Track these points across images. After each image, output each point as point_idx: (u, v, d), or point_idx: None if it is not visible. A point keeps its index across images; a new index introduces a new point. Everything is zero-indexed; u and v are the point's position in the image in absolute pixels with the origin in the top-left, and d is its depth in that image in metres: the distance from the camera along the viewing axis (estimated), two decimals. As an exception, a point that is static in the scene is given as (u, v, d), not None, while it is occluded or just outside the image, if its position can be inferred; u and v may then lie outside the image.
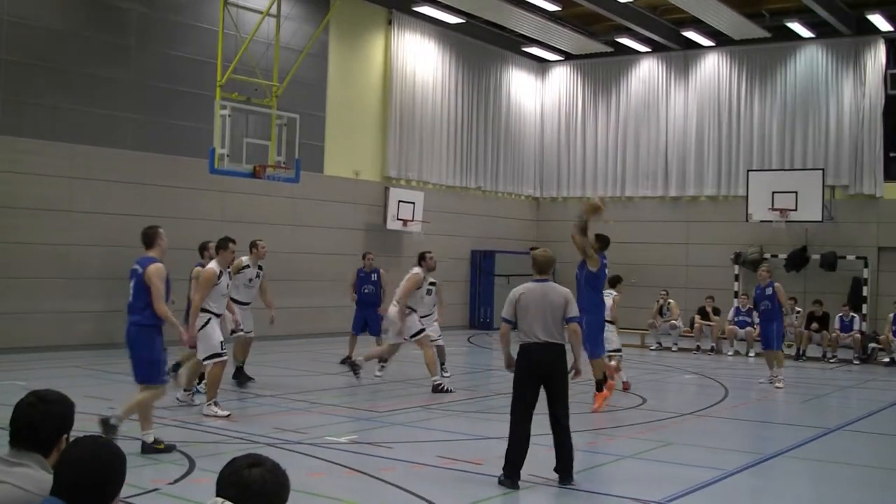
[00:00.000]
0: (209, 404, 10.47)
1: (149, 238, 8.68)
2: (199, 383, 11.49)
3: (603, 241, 12.43)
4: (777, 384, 14.77)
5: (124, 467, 3.16)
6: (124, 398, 11.30)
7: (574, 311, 8.03)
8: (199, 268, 11.77)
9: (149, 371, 8.52)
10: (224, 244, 10.55)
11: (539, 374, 7.78)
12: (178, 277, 16.92)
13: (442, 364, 13.67)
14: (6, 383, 11.99)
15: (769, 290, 15.00)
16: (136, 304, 8.49)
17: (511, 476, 7.68)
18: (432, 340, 13.29)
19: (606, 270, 12.43)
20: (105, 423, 8.31)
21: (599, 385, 11.69)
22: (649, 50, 25.97)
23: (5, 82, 15.60)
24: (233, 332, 12.17)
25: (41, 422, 3.40)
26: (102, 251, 16.78)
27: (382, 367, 13.83)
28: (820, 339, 19.61)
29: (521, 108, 27.56)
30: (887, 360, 18.88)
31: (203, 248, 12.58)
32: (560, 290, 8.02)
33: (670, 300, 21.20)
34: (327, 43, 21.17)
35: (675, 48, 25.47)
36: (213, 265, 10.62)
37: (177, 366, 11.91)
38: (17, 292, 15.70)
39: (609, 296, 13.05)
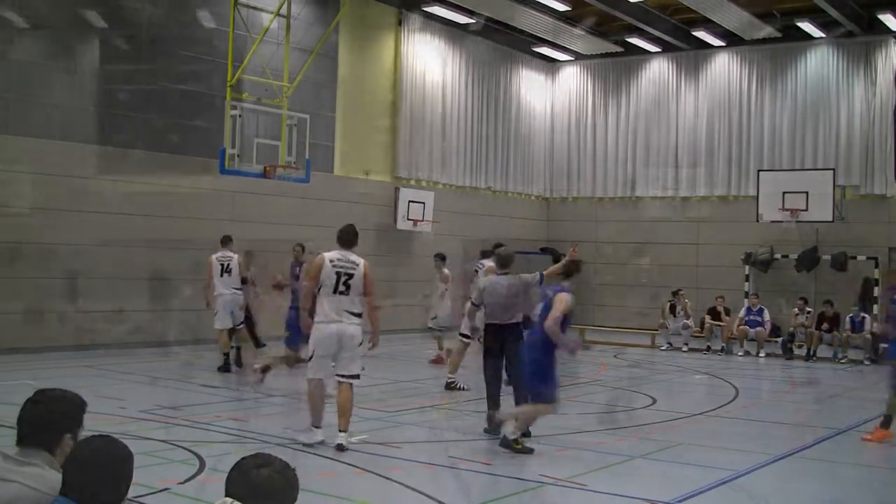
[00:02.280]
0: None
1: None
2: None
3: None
4: None
5: (132, 466, 3.18)
6: (137, 398, 11.42)
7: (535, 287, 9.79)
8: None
9: (551, 389, 9.08)
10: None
11: (500, 346, 9.78)
12: (184, 277, 17.19)
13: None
14: (18, 383, 12.05)
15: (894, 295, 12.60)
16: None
17: (492, 428, 9.57)
18: None
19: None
20: (505, 443, 8.93)
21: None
22: (659, 50, 25.92)
23: (15, 81, 15.66)
24: None
25: (46, 417, 3.43)
26: (112, 251, 16.82)
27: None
28: (831, 339, 19.54)
29: (531, 108, 27.53)
30: (899, 360, 18.76)
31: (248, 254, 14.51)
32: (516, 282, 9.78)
33: (687, 300, 21.16)
34: (337, 43, 21.19)
35: (685, 48, 25.40)
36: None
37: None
38: (27, 292, 15.74)
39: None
